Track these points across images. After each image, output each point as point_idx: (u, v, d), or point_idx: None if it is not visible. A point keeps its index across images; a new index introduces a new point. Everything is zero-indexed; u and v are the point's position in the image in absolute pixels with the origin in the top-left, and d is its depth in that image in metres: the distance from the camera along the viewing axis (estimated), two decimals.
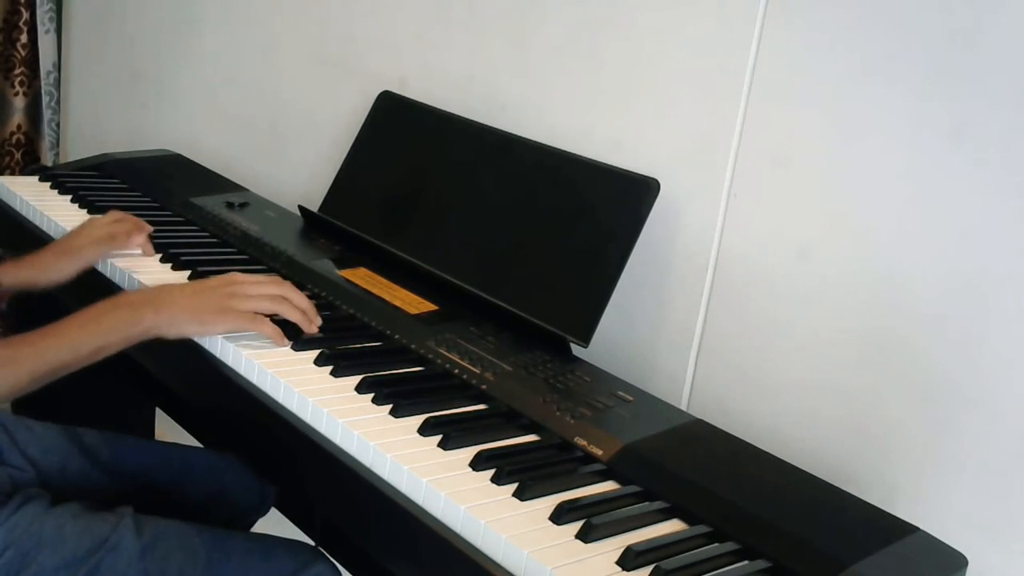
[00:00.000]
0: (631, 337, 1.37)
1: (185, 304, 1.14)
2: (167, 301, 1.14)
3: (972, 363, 1.08)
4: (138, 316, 1.11)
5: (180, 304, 1.14)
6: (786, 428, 1.22)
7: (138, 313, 1.11)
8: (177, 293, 1.16)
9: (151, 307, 1.12)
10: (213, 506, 1.35)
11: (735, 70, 1.25)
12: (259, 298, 1.16)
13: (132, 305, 1.13)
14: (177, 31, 2.25)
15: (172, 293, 1.16)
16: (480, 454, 0.97)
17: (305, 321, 1.18)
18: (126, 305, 1.13)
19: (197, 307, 1.14)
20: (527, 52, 1.52)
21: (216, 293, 1.15)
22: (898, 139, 1.13)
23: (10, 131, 2.56)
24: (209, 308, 1.14)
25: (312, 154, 1.88)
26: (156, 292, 1.17)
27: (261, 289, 1.17)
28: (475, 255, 1.41)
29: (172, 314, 1.12)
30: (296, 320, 1.17)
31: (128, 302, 1.14)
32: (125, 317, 1.11)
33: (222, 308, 1.14)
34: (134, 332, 1.11)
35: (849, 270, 1.17)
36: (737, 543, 0.90)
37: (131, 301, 1.14)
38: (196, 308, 1.14)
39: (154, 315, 1.11)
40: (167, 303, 1.13)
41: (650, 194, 1.29)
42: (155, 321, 1.11)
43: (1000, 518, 1.06)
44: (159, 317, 1.12)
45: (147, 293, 1.18)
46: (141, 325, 1.11)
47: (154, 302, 1.13)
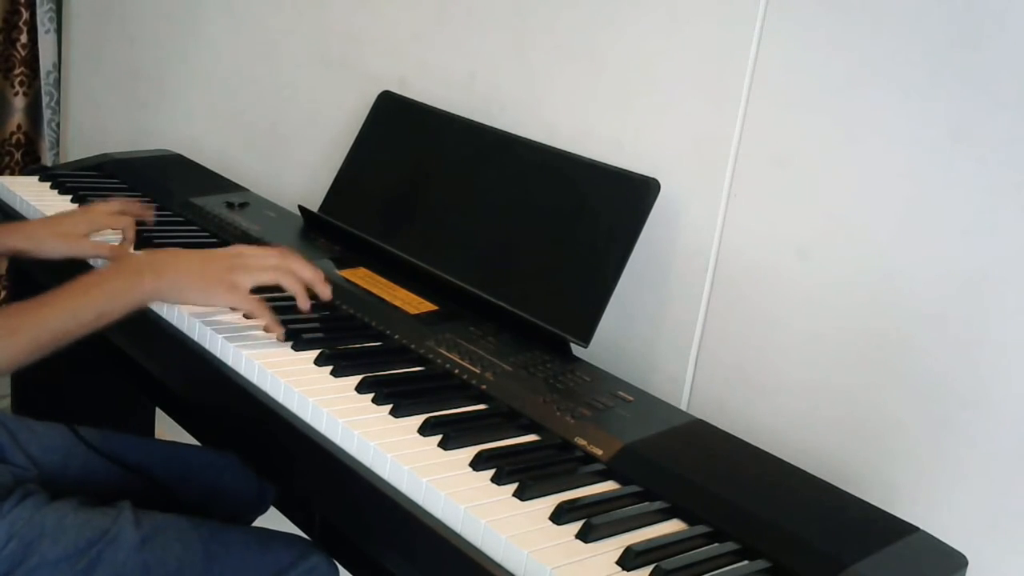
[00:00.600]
0: (631, 337, 1.37)
1: (189, 271, 1.13)
2: (170, 266, 1.13)
3: (972, 363, 1.08)
4: (139, 280, 1.11)
5: (183, 271, 1.13)
6: (786, 428, 1.22)
7: (139, 277, 1.11)
8: (181, 259, 1.16)
9: (152, 272, 1.11)
10: (212, 504, 1.35)
11: (735, 70, 1.25)
12: (262, 269, 1.15)
13: (133, 270, 1.12)
14: (177, 31, 2.25)
15: (176, 259, 1.15)
16: (480, 454, 0.97)
17: (303, 296, 1.17)
18: (128, 270, 1.12)
19: (201, 275, 1.13)
20: (527, 52, 1.52)
21: (221, 264, 1.15)
22: (898, 139, 1.13)
23: (10, 131, 2.56)
24: (213, 278, 1.13)
25: (312, 154, 1.88)
26: (158, 256, 1.16)
27: (264, 261, 1.16)
28: (475, 255, 1.41)
29: (174, 280, 1.12)
30: (294, 291, 1.17)
31: (129, 267, 1.13)
32: (126, 282, 1.10)
33: (226, 282, 1.13)
34: (136, 297, 1.10)
35: (849, 270, 1.17)
36: (737, 543, 0.90)
37: (132, 266, 1.14)
38: (200, 276, 1.13)
39: (155, 279, 1.11)
40: (170, 268, 1.13)
41: (650, 194, 1.29)
42: (156, 285, 1.11)
43: (1000, 518, 1.06)
44: (160, 282, 1.11)
45: (149, 257, 1.17)
46: (142, 289, 1.10)
47: (156, 267, 1.12)
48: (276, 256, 1.18)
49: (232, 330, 1.18)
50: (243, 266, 1.15)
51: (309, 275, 1.19)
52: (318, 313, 1.24)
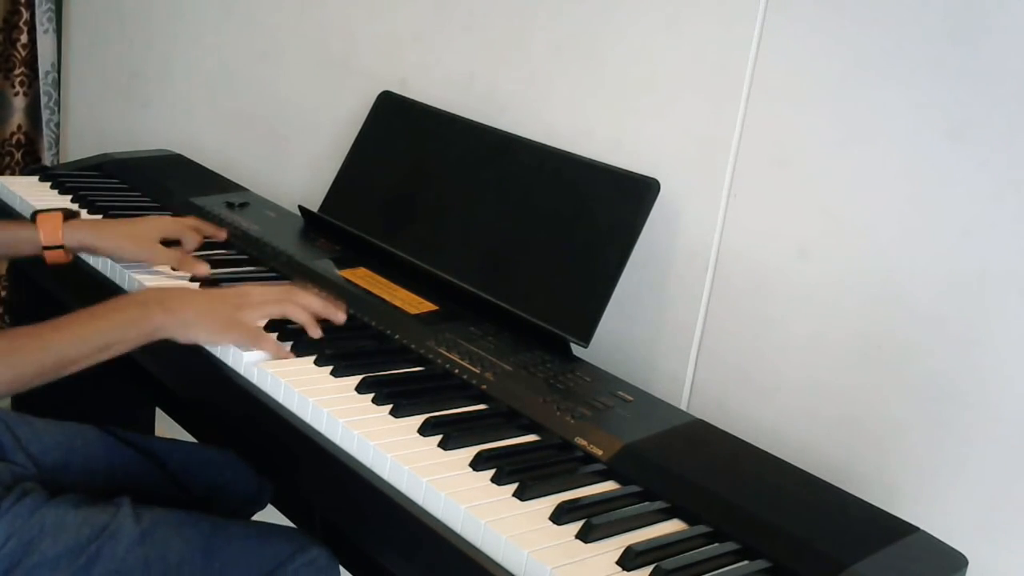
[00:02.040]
0: (631, 337, 1.37)
1: (197, 309, 1.13)
2: (178, 303, 1.13)
3: (972, 363, 1.08)
4: (148, 314, 1.10)
5: (192, 309, 1.13)
6: (786, 428, 1.22)
7: (148, 311, 1.11)
8: (189, 297, 1.16)
9: (161, 307, 1.11)
10: (212, 500, 1.36)
11: (735, 70, 1.25)
12: (268, 304, 1.16)
13: (142, 303, 1.12)
14: (177, 31, 2.25)
15: (184, 296, 1.16)
16: (480, 454, 0.97)
17: (311, 324, 1.17)
18: (136, 303, 1.13)
19: (208, 314, 1.13)
20: (527, 52, 1.52)
21: (227, 304, 1.15)
22: (898, 139, 1.13)
23: (10, 131, 2.56)
24: (219, 318, 1.13)
25: (312, 154, 1.88)
26: (167, 293, 1.17)
27: (268, 296, 1.17)
28: (475, 255, 1.41)
29: (183, 317, 1.12)
30: (302, 322, 1.17)
31: (138, 300, 1.14)
32: (135, 315, 1.10)
33: (232, 321, 1.13)
34: (144, 330, 1.10)
35: (849, 270, 1.17)
36: (737, 543, 0.90)
37: (142, 299, 1.14)
38: (208, 315, 1.13)
39: (163, 315, 1.11)
40: (178, 305, 1.13)
41: (650, 194, 1.29)
42: (163, 322, 1.11)
43: (1000, 518, 1.06)
44: (168, 318, 1.11)
45: (158, 293, 1.17)
46: (150, 324, 1.10)
47: (165, 302, 1.12)
48: (280, 292, 1.19)
49: None
50: (249, 304, 1.15)
51: (317, 306, 1.19)
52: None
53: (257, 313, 1.15)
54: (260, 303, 1.16)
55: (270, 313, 1.16)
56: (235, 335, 1.13)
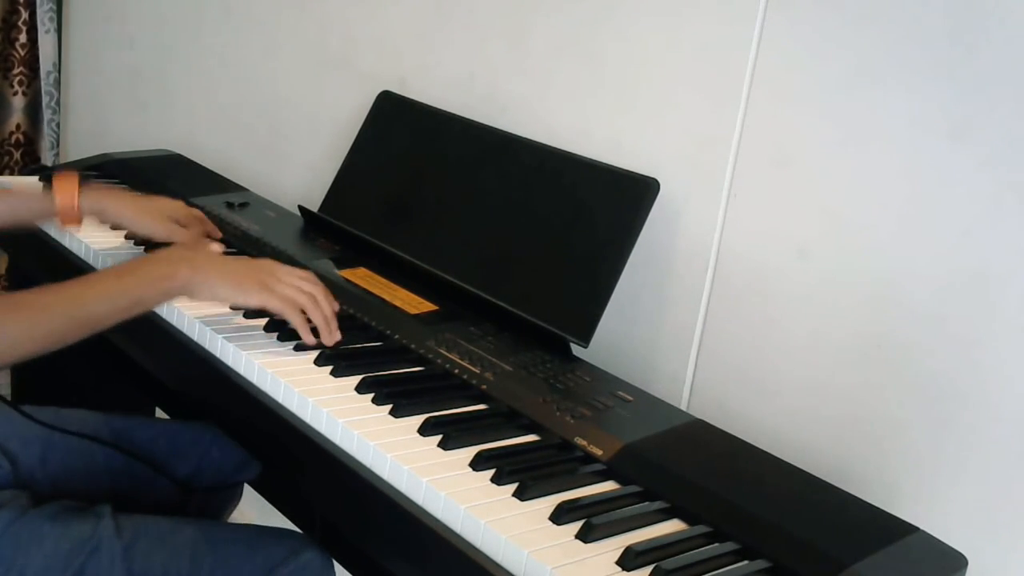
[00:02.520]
0: (631, 337, 1.37)
1: (224, 269, 1.15)
2: (205, 262, 1.14)
3: (972, 363, 1.08)
4: (174, 270, 1.11)
5: (218, 267, 1.14)
6: (786, 428, 1.22)
7: (174, 267, 1.12)
8: (216, 257, 1.18)
9: (188, 264, 1.13)
10: (201, 475, 1.35)
11: (735, 70, 1.25)
12: (294, 289, 1.16)
13: (169, 260, 1.13)
14: (177, 31, 2.25)
15: (211, 256, 1.17)
16: (480, 454, 0.97)
17: (325, 330, 1.17)
18: (163, 259, 1.14)
19: (236, 274, 1.15)
20: (527, 52, 1.52)
21: (256, 268, 1.17)
22: (898, 139, 1.13)
23: (9, 131, 2.56)
24: (249, 278, 1.15)
25: (312, 154, 1.88)
26: (194, 251, 1.18)
27: (297, 282, 1.17)
28: (475, 255, 1.41)
29: (208, 274, 1.13)
30: (317, 323, 1.16)
31: (165, 257, 1.15)
32: (163, 271, 1.11)
33: (261, 283, 1.14)
34: (170, 286, 1.11)
35: (849, 270, 1.17)
36: (737, 543, 0.90)
37: (168, 256, 1.15)
38: (235, 275, 1.14)
39: (190, 271, 1.12)
40: (204, 263, 1.14)
41: (650, 194, 1.29)
42: (190, 278, 1.12)
43: (1000, 518, 1.06)
44: (195, 274, 1.12)
45: (185, 250, 1.19)
46: (176, 280, 1.11)
47: (192, 260, 1.14)
48: (308, 282, 1.19)
49: (232, 330, 1.18)
50: (278, 278, 1.16)
51: (329, 313, 1.18)
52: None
53: (285, 292, 1.15)
54: (289, 284, 1.16)
55: (293, 298, 1.16)
56: (264, 298, 1.14)
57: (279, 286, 1.15)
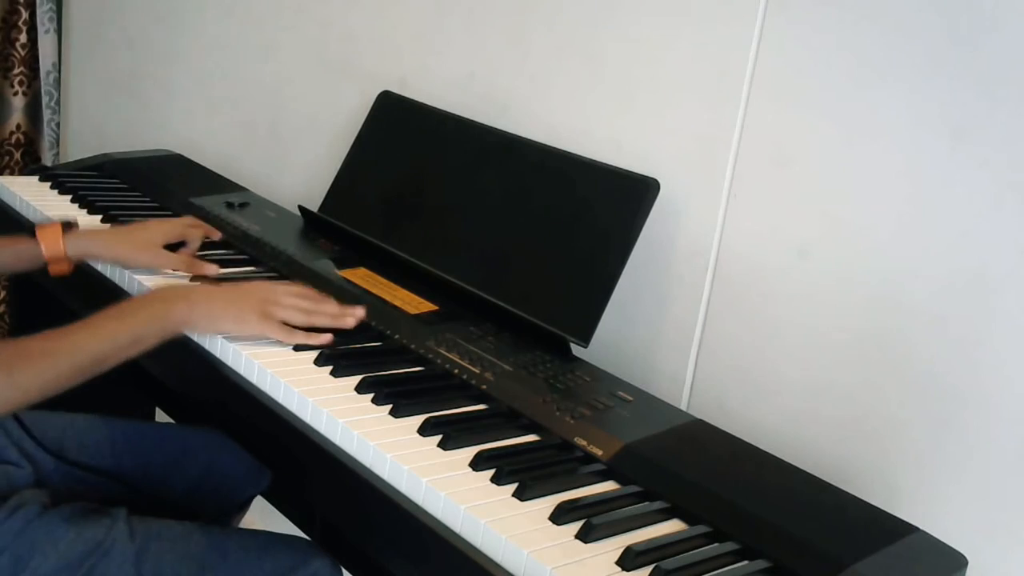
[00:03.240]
0: (631, 337, 1.37)
1: (221, 301, 1.16)
2: (202, 296, 1.16)
3: (972, 363, 1.08)
4: (171, 308, 1.13)
5: (216, 301, 1.16)
6: (786, 428, 1.22)
7: (172, 306, 1.13)
8: (212, 291, 1.19)
9: (185, 301, 1.14)
10: (209, 484, 1.35)
11: (735, 70, 1.25)
12: (292, 310, 1.18)
13: (165, 299, 1.15)
14: (177, 31, 2.25)
15: (207, 290, 1.19)
16: (480, 454, 0.97)
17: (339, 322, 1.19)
18: (160, 299, 1.15)
19: (234, 305, 1.16)
20: (527, 52, 1.52)
21: (254, 297, 1.18)
22: (898, 139, 1.13)
23: (9, 131, 2.56)
24: (248, 308, 1.16)
25: (312, 154, 1.88)
26: (190, 288, 1.20)
27: (293, 300, 1.19)
28: (475, 255, 1.41)
29: (207, 309, 1.15)
30: (327, 325, 1.19)
31: (161, 296, 1.16)
32: (159, 309, 1.13)
33: (261, 312, 1.16)
34: (169, 325, 1.12)
35: (849, 270, 1.17)
36: (737, 543, 0.90)
37: (164, 295, 1.16)
38: (233, 306, 1.16)
39: (187, 309, 1.13)
40: (202, 298, 1.16)
41: (650, 194, 1.29)
42: (188, 315, 1.13)
43: (1000, 518, 1.06)
44: (193, 311, 1.14)
45: (181, 288, 1.21)
46: (174, 317, 1.13)
47: (188, 297, 1.15)
48: (303, 299, 1.20)
49: None
50: (276, 302, 1.18)
51: (334, 310, 1.21)
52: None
53: (284, 313, 1.17)
54: (289, 307, 1.18)
55: (296, 320, 1.17)
56: (261, 325, 1.15)
57: (277, 311, 1.17)
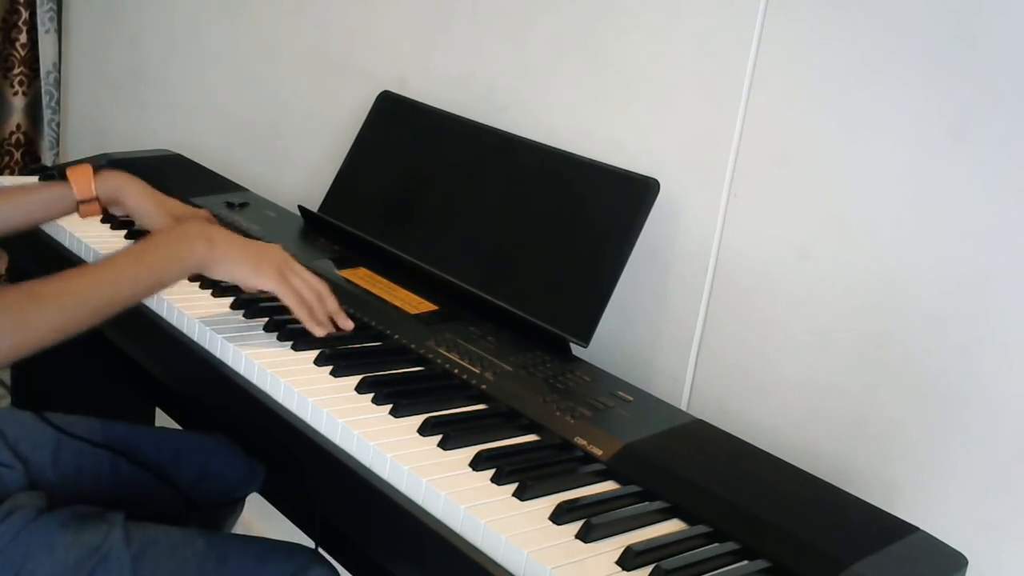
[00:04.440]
0: (631, 337, 1.37)
1: (241, 248, 1.16)
2: (223, 240, 1.16)
3: (972, 363, 1.08)
4: (192, 246, 1.12)
5: (237, 247, 1.16)
6: (786, 428, 1.22)
7: (192, 243, 1.13)
8: (233, 236, 1.19)
9: (206, 240, 1.14)
10: (204, 486, 1.35)
11: (735, 70, 1.25)
12: (305, 284, 1.18)
13: (187, 235, 1.14)
14: (177, 31, 2.25)
15: (228, 235, 1.18)
16: (480, 454, 0.97)
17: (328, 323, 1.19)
18: (179, 236, 1.14)
19: (254, 256, 1.16)
20: (527, 52, 1.52)
21: (274, 254, 1.18)
22: (899, 139, 1.13)
23: (10, 131, 2.57)
24: (266, 262, 1.16)
25: (312, 154, 1.88)
26: (212, 228, 1.19)
27: (309, 278, 1.19)
28: (475, 255, 1.41)
29: (227, 252, 1.14)
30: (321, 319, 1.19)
31: (181, 233, 1.15)
32: (180, 248, 1.12)
33: (279, 269, 1.16)
34: (188, 263, 1.12)
35: (849, 270, 1.17)
36: (737, 543, 0.90)
37: (186, 232, 1.15)
38: (254, 257, 1.16)
39: (208, 247, 1.13)
40: (222, 241, 1.15)
41: (650, 194, 1.29)
42: (208, 253, 1.13)
43: (1000, 518, 1.06)
44: (213, 251, 1.13)
45: (199, 227, 1.18)
46: (194, 256, 1.12)
47: (209, 237, 1.15)
48: (318, 282, 1.20)
49: (232, 330, 1.18)
50: (295, 271, 1.18)
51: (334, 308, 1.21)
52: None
53: (297, 279, 1.17)
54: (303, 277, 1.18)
55: (303, 292, 1.17)
56: (275, 281, 1.15)
57: (293, 277, 1.17)
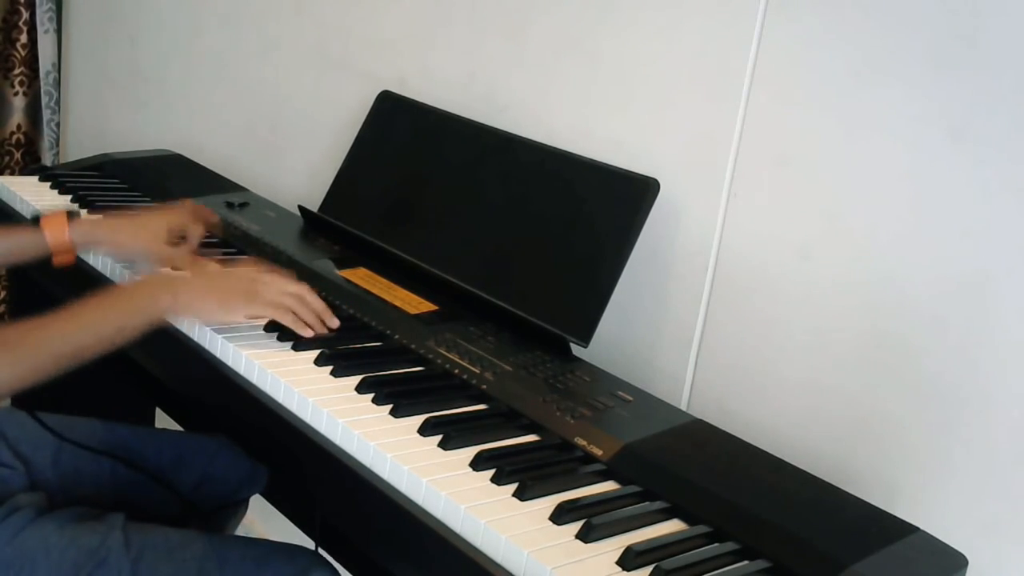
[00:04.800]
0: (631, 337, 1.37)
1: (206, 287, 1.15)
2: (186, 284, 1.15)
3: (972, 363, 1.08)
4: (156, 297, 1.12)
5: (201, 287, 1.15)
6: (786, 428, 1.22)
7: (155, 294, 1.12)
8: (198, 278, 1.18)
9: (168, 289, 1.13)
10: (206, 488, 1.35)
11: (735, 70, 1.25)
12: (279, 293, 1.17)
13: (150, 285, 1.14)
14: (177, 31, 2.25)
15: (193, 278, 1.18)
16: (480, 454, 0.97)
17: (318, 323, 1.18)
18: (144, 285, 1.15)
19: (220, 290, 1.15)
20: (527, 52, 1.52)
21: (240, 279, 1.17)
22: (899, 139, 1.13)
23: (10, 131, 2.56)
24: (234, 292, 1.15)
25: (312, 154, 1.88)
26: (174, 277, 1.18)
27: (282, 285, 1.18)
28: (475, 255, 1.41)
29: (191, 296, 1.13)
30: (310, 322, 1.18)
31: (146, 283, 1.15)
32: (143, 299, 1.12)
33: (246, 293, 1.15)
34: (152, 313, 1.11)
35: (849, 270, 1.17)
36: (737, 543, 0.90)
37: (149, 282, 1.16)
38: (219, 291, 1.15)
39: (172, 297, 1.12)
40: (185, 286, 1.14)
41: (650, 194, 1.29)
42: (173, 302, 1.12)
43: (1000, 518, 1.06)
44: (177, 299, 1.13)
45: (165, 276, 1.19)
46: (158, 306, 1.12)
47: (172, 284, 1.14)
48: (292, 283, 1.19)
49: (232, 330, 1.18)
50: (264, 282, 1.17)
51: (320, 307, 1.20)
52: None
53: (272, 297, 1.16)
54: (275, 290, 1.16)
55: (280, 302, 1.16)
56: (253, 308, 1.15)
57: (265, 290, 1.16)
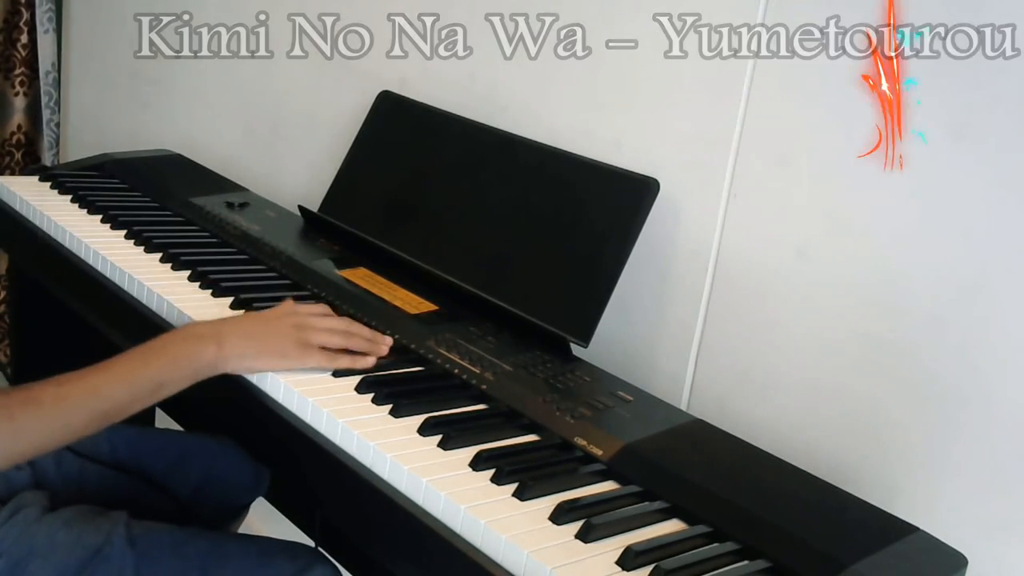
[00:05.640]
0: (631, 337, 1.37)
1: (253, 336, 1.08)
2: (232, 333, 1.07)
3: (971, 363, 1.08)
4: (201, 349, 1.05)
5: (246, 336, 1.08)
6: (786, 428, 1.22)
7: (200, 346, 1.05)
8: (243, 325, 1.11)
9: (214, 340, 1.06)
10: (209, 490, 1.34)
11: (735, 69, 1.25)
12: (327, 332, 1.12)
13: (194, 337, 1.06)
14: (176, 30, 2.24)
15: (237, 325, 1.10)
16: (480, 454, 0.97)
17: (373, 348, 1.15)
18: (189, 337, 1.07)
19: (271, 340, 1.08)
20: (527, 52, 1.51)
21: (285, 325, 1.10)
22: (898, 138, 1.12)
23: (10, 131, 2.56)
24: (286, 341, 1.08)
25: (312, 154, 1.88)
26: (219, 324, 1.10)
27: (328, 323, 1.13)
28: (475, 255, 1.41)
29: (240, 348, 1.06)
30: (364, 350, 1.14)
31: (190, 334, 1.07)
32: (187, 351, 1.05)
33: (299, 341, 1.08)
34: (197, 367, 1.05)
35: (849, 270, 1.17)
36: (737, 543, 0.90)
37: (193, 333, 1.07)
38: (269, 343, 1.08)
39: (217, 348, 1.05)
40: (232, 336, 1.07)
41: (650, 194, 1.29)
42: (219, 355, 1.05)
43: (1000, 518, 1.06)
44: (223, 351, 1.05)
45: (209, 326, 1.10)
46: (203, 359, 1.04)
47: (218, 335, 1.06)
48: (337, 320, 1.15)
49: None
50: (310, 326, 1.11)
51: (368, 334, 1.16)
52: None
53: (319, 338, 1.10)
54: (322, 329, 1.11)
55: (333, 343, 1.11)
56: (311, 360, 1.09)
57: (313, 336, 1.10)
